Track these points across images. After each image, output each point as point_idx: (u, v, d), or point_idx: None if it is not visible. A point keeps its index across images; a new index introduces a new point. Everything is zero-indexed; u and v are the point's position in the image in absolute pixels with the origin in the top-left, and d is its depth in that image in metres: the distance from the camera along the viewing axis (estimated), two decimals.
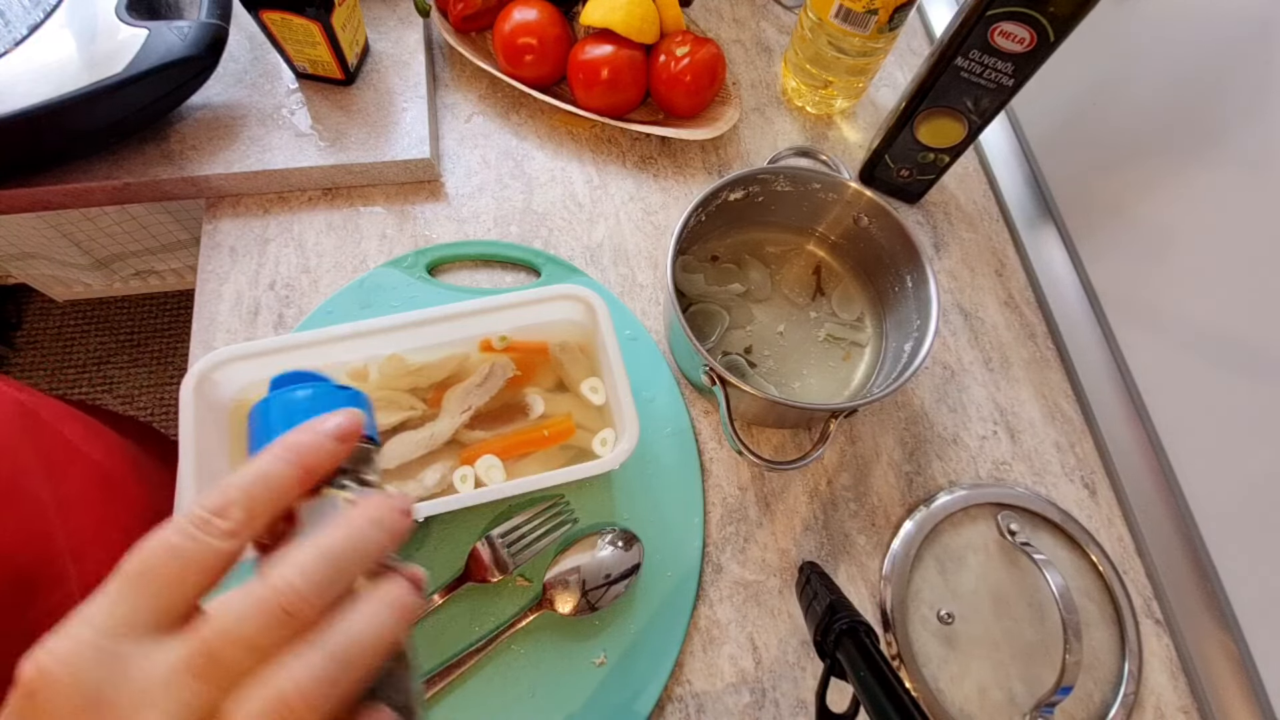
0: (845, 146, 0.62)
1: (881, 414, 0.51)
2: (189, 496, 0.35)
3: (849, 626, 0.33)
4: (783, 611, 0.44)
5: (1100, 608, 0.46)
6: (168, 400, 1.23)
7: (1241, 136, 0.44)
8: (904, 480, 0.49)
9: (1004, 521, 0.47)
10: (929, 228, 0.59)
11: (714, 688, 0.42)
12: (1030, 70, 0.45)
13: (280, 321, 0.49)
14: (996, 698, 0.43)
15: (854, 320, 0.52)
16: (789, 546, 0.46)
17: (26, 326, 1.26)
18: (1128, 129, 0.53)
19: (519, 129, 0.59)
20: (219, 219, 0.52)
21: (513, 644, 0.41)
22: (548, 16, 0.55)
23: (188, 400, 0.37)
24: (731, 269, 0.53)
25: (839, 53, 0.55)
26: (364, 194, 0.54)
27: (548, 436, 0.43)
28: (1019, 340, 0.55)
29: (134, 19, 0.46)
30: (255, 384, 0.41)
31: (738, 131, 0.61)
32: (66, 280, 0.99)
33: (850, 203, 0.50)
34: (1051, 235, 0.58)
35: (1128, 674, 0.44)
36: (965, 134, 0.52)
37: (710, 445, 0.48)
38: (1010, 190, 0.61)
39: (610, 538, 0.43)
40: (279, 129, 0.52)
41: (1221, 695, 0.43)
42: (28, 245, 0.85)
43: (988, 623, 0.44)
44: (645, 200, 0.57)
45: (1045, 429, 0.52)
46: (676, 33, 0.56)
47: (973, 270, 0.58)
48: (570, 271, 0.52)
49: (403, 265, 0.51)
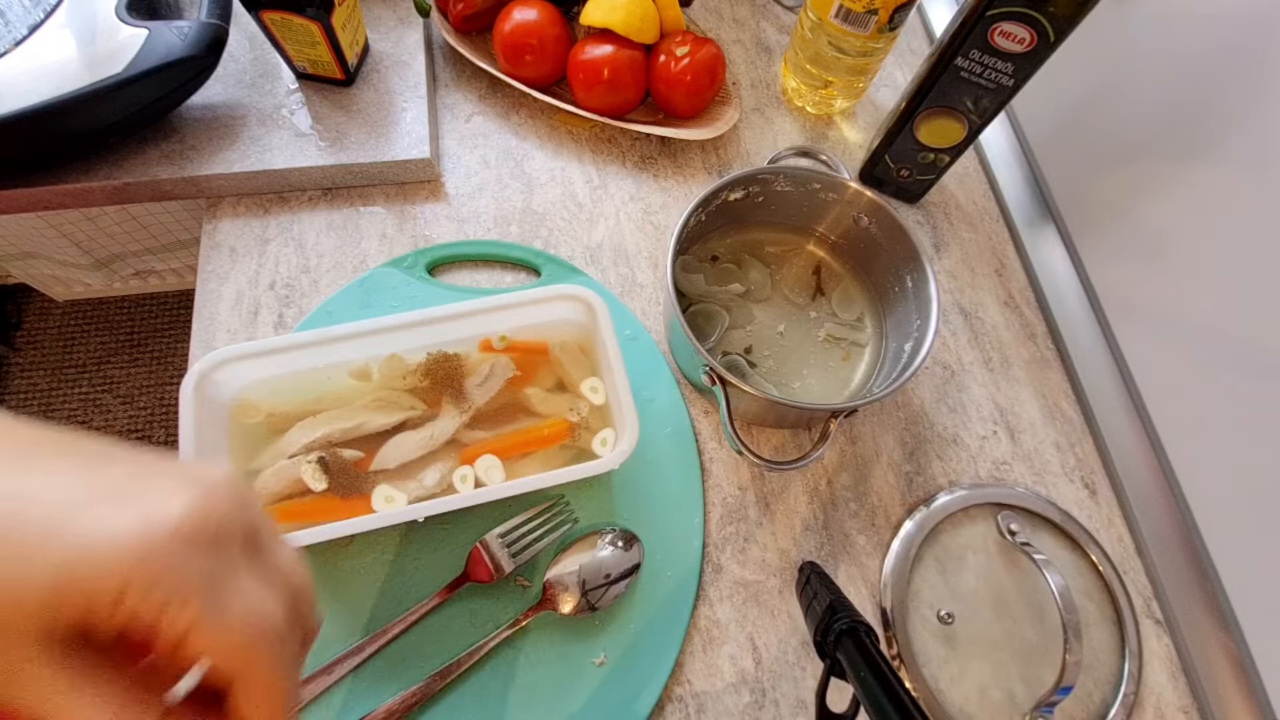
0: (845, 146, 0.62)
1: (881, 414, 0.51)
2: None
3: (849, 626, 0.33)
4: (783, 611, 0.44)
5: (1100, 608, 0.46)
6: (168, 400, 1.23)
7: (1242, 136, 0.44)
8: (904, 480, 0.49)
9: (1004, 521, 0.47)
10: (929, 228, 0.59)
11: (714, 688, 0.42)
12: (1030, 70, 0.45)
13: (280, 321, 0.49)
14: (996, 698, 0.43)
15: (854, 320, 0.52)
16: (789, 546, 0.46)
17: (26, 326, 1.26)
18: (1128, 129, 0.53)
19: (519, 129, 0.59)
20: (219, 219, 0.52)
21: (513, 644, 0.41)
22: (548, 16, 0.55)
23: (188, 400, 0.37)
24: (731, 269, 0.53)
25: (839, 53, 0.55)
26: (364, 194, 0.54)
27: (547, 436, 0.43)
28: (1019, 340, 0.55)
29: (134, 19, 0.46)
30: (255, 384, 0.41)
31: (738, 131, 0.61)
32: (66, 280, 0.99)
33: (850, 203, 0.50)
34: (1051, 235, 0.58)
35: (1128, 674, 0.44)
36: (965, 134, 0.52)
37: (710, 445, 0.48)
38: (1010, 190, 0.61)
39: (610, 538, 0.43)
40: (279, 129, 0.52)
41: (1221, 695, 0.43)
42: (28, 245, 0.85)
43: (988, 623, 0.44)
44: (645, 200, 0.57)
45: (1045, 429, 0.52)
46: (676, 33, 0.56)
47: (973, 270, 0.58)
48: (570, 271, 0.52)
49: (403, 265, 0.51)
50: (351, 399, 0.42)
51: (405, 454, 0.41)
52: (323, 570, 0.41)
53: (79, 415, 1.21)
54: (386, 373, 0.43)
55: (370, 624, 0.40)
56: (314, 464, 0.40)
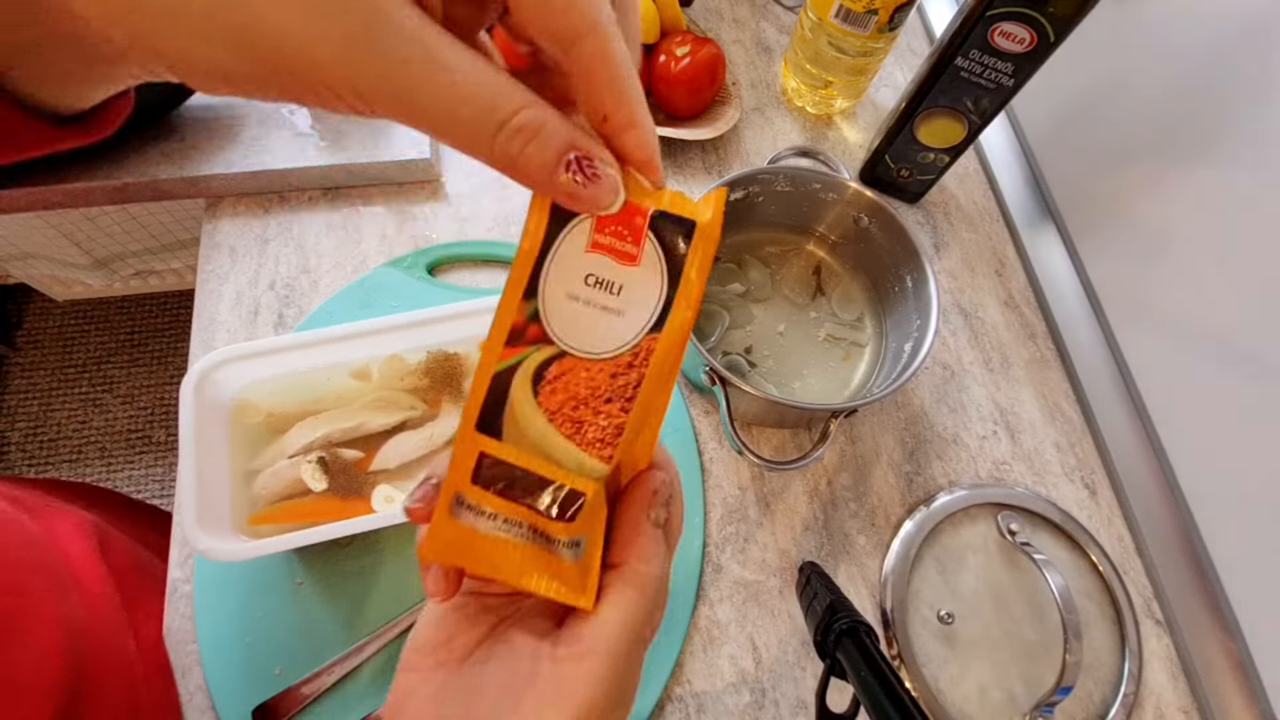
0: (845, 146, 0.62)
1: (881, 414, 0.51)
2: (189, 496, 0.35)
3: (849, 626, 0.33)
4: (783, 611, 0.44)
5: (1100, 608, 0.46)
6: (168, 400, 1.23)
7: (1242, 136, 0.44)
8: (904, 480, 0.49)
9: (1004, 521, 0.47)
10: (929, 228, 0.59)
11: (714, 688, 0.42)
12: (1030, 70, 0.45)
13: (280, 321, 0.49)
14: (996, 698, 0.43)
15: (854, 320, 0.52)
16: (789, 546, 0.46)
17: (26, 326, 1.26)
18: (1128, 129, 0.53)
19: None
20: (219, 219, 0.52)
21: None
22: None
23: (188, 400, 0.37)
24: (731, 269, 0.53)
25: (839, 53, 0.55)
26: (364, 194, 0.54)
27: None
28: (1019, 340, 0.55)
29: None
30: (255, 384, 0.41)
31: (738, 131, 0.61)
32: (66, 280, 0.99)
33: (850, 203, 0.50)
34: (1051, 235, 0.58)
35: (1128, 674, 0.44)
36: (965, 134, 0.52)
37: (710, 445, 0.48)
38: (1010, 190, 0.61)
39: None
40: (279, 129, 0.52)
41: (1221, 695, 0.43)
42: (28, 245, 0.85)
43: (988, 623, 0.44)
44: None
45: (1045, 429, 0.52)
46: (676, 33, 0.56)
47: (973, 270, 0.58)
48: None
49: (403, 265, 0.51)
50: (351, 399, 0.42)
51: (405, 454, 0.41)
52: (323, 570, 0.41)
53: (79, 415, 1.21)
54: (386, 373, 0.43)
55: (370, 624, 0.40)
56: (314, 464, 0.40)
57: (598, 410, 0.20)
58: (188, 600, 0.40)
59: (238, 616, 0.40)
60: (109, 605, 0.41)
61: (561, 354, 0.20)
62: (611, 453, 0.20)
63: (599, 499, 0.21)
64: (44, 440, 1.19)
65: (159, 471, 1.19)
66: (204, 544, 0.35)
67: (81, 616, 0.38)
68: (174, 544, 0.42)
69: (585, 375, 0.20)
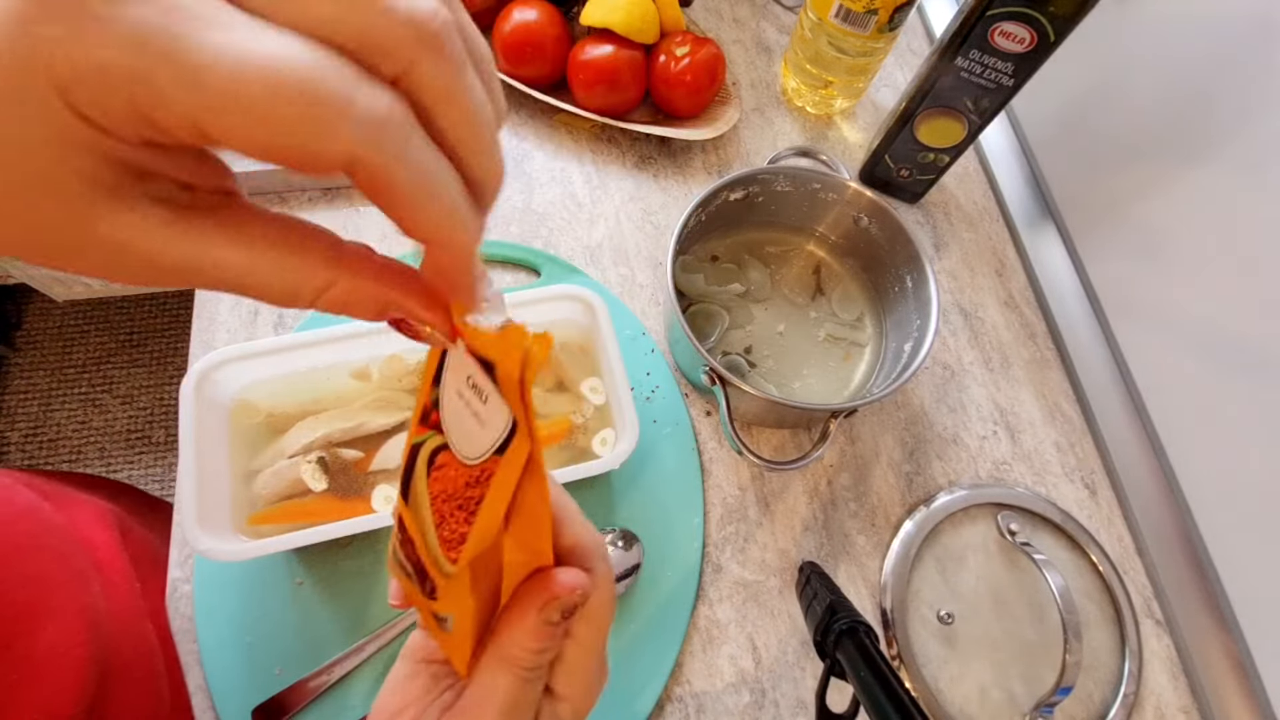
0: (845, 146, 0.62)
1: (881, 414, 0.51)
2: (189, 496, 0.35)
3: (849, 626, 0.33)
4: (783, 611, 0.44)
5: (1100, 608, 0.46)
6: (168, 400, 1.23)
7: (1242, 136, 0.44)
8: (904, 480, 0.49)
9: (1004, 521, 0.47)
10: (929, 228, 0.59)
11: (714, 688, 0.42)
12: (1030, 70, 0.45)
13: (280, 321, 0.49)
14: (996, 698, 0.43)
15: (854, 320, 0.52)
16: (789, 546, 0.46)
17: (26, 326, 1.26)
18: (1128, 129, 0.53)
19: (519, 129, 0.59)
20: None
21: None
22: (548, 16, 0.55)
23: (188, 400, 0.37)
24: (731, 269, 0.53)
25: (839, 53, 0.55)
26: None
27: (547, 436, 0.43)
28: (1019, 340, 0.55)
29: None
30: (255, 384, 0.41)
31: (738, 131, 0.61)
32: (66, 280, 0.99)
33: (850, 203, 0.50)
34: (1051, 235, 0.58)
35: (1128, 674, 0.44)
36: (965, 134, 0.52)
37: (710, 445, 0.48)
38: (1010, 190, 0.61)
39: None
40: None
41: (1221, 695, 0.43)
42: None
43: (988, 623, 0.44)
44: (645, 200, 0.57)
45: (1045, 429, 0.52)
46: (676, 33, 0.56)
47: (973, 270, 0.58)
48: (570, 271, 0.52)
49: None
50: (351, 399, 0.42)
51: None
52: (323, 570, 0.41)
53: (79, 415, 1.21)
54: (386, 373, 0.43)
55: (370, 624, 0.40)
56: (314, 464, 0.40)
57: (453, 512, 0.20)
58: (188, 600, 0.40)
59: (238, 616, 0.40)
60: (131, 595, 0.41)
61: (445, 446, 0.20)
62: (456, 556, 0.19)
63: (459, 587, 0.20)
64: (44, 440, 1.19)
65: (159, 472, 1.19)
66: (204, 544, 0.35)
67: (104, 606, 0.38)
68: (174, 544, 0.42)
69: (454, 474, 0.20)
